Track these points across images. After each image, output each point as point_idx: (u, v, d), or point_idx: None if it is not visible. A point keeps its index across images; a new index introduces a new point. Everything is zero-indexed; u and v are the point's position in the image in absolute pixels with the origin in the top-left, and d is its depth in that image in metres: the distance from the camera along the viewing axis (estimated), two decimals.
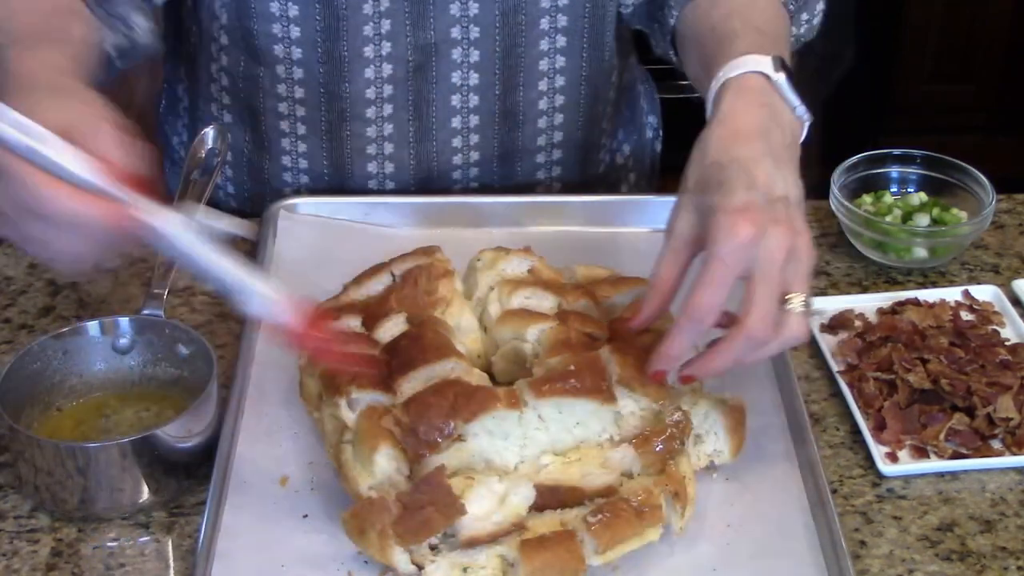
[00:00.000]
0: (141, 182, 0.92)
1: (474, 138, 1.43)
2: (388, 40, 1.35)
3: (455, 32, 1.35)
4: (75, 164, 0.90)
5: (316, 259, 1.33)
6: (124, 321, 1.15)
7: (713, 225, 1.01)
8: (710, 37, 1.21)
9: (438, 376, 1.08)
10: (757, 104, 1.09)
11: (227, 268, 0.94)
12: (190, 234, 0.93)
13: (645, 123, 1.59)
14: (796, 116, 1.12)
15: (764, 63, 1.11)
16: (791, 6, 1.29)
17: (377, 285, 1.20)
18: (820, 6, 1.34)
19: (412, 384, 1.08)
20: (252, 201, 1.47)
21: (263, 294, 0.95)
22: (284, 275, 1.30)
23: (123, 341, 1.15)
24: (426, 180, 1.44)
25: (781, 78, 1.11)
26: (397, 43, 1.35)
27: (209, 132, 1.29)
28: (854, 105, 3.19)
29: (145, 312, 1.17)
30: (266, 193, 1.46)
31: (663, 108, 1.62)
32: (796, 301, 1.02)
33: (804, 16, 1.32)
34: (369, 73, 1.37)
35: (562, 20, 1.38)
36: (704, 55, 1.20)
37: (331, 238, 1.36)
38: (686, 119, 1.26)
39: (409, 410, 1.03)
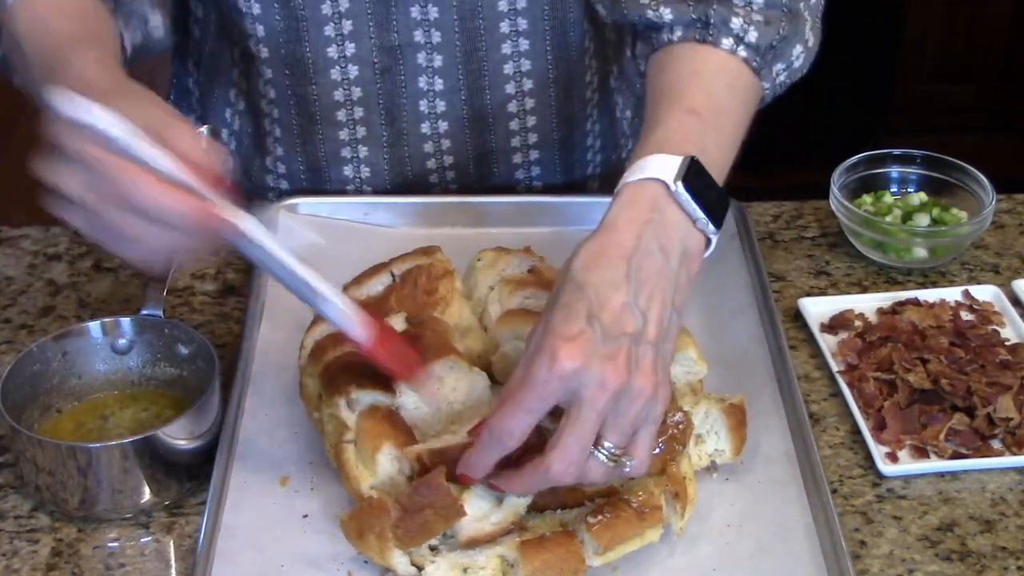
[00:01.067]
0: (222, 182, 0.93)
1: (446, 143, 1.41)
2: (351, 41, 1.34)
3: (418, 35, 1.34)
4: (166, 161, 0.91)
5: (316, 259, 1.32)
6: (124, 321, 1.15)
7: (537, 348, 0.95)
8: (648, 102, 1.14)
9: (436, 377, 1.07)
10: (641, 220, 1.00)
11: (304, 274, 0.96)
12: (270, 237, 0.95)
13: None
14: (697, 228, 1.02)
15: (669, 168, 1.02)
16: (755, 62, 1.17)
17: (377, 285, 1.20)
18: (799, 49, 1.20)
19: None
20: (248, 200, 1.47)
21: (337, 305, 0.97)
22: None
23: (123, 341, 1.15)
24: (403, 185, 1.43)
25: (680, 188, 1.01)
26: (361, 44, 1.34)
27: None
28: (854, 105, 3.19)
29: (145, 312, 1.17)
30: (252, 193, 1.46)
31: None
32: (601, 452, 0.96)
33: (779, 66, 1.20)
34: (335, 75, 1.36)
35: (522, 23, 1.36)
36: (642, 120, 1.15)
37: (331, 238, 1.36)
38: None
39: (433, 460, 1.01)
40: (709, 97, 1.12)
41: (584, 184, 1.50)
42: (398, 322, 1.15)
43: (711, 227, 1.03)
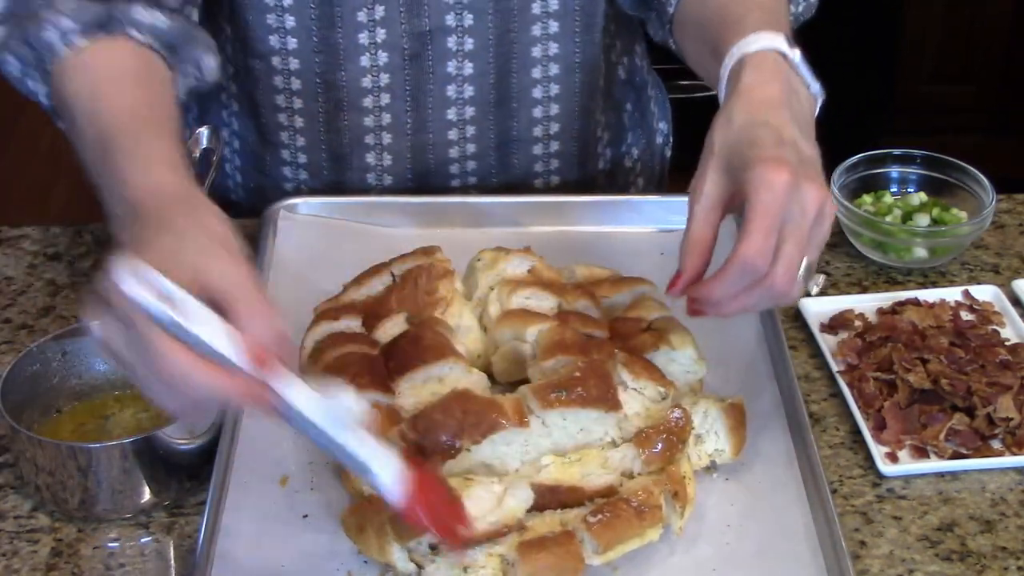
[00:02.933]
0: (277, 356, 0.90)
1: (470, 130, 1.42)
2: (382, 27, 1.35)
3: (449, 19, 1.35)
4: (218, 341, 0.87)
5: (316, 259, 1.33)
6: None
7: (750, 177, 1.01)
8: (714, 19, 1.20)
9: (436, 377, 1.08)
10: (776, 78, 1.09)
11: (348, 448, 0.93)
12: (317, 412, 0.91)
13: (656, 128, 1.59)
14: (810, 93, 1.12)
15: (778, 40, 1.11)
16: None
17: (377, 285, 1.20)
18: None
19: (410, 384, 1.08)
20: (258, 194, 1.47)
21: (378, 475, 0.93)
22: (284, 275, 1.30)
23: None
24: (423, 173, 1.44)
25: (796, 55, 1.11)
26: (392, 30, 1.35)
27: (203, 132, 1.29)
28: (854, 105, 3.19)
29: None
30: (267, 187, 1.46)
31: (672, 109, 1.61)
32: (802, 266, 1.02)
33: None
34: (365, 61, 1.37)
35: (553, 4, 1.37)
36: (711, 37, 1.20)
37: (331, 238, 1.36)
38: (693, 121, 1.26)
39: (416, 426, 1.03)
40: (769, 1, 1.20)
41: (593, 180, 1.51)
42: (398, 322, 1.15)
43: (820, 91, 1.13)
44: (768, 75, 1.10)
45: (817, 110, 1.13)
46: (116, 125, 1.06)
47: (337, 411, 0.91)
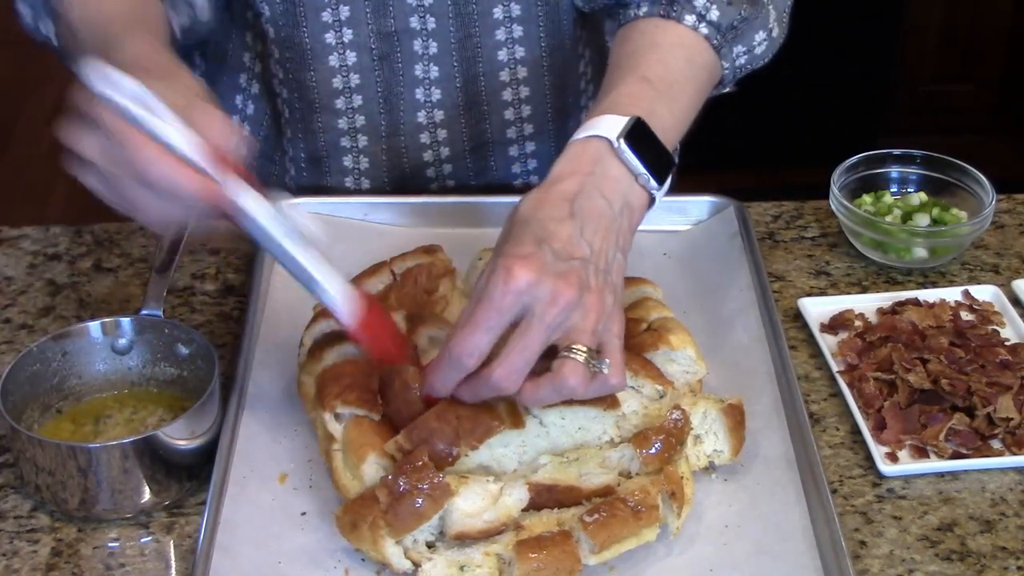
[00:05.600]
0: (236, 166, 0.99)
1: (442, 133, 1.42)
2: (349, 27, 1.34)
3: (413, 21, 1.34)
4: (181, 140, 0.96)
5: None
6: (124, 321, 1.15)
7: (490, 270, 0.99)
8: (604, 81, 1.18)
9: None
10: (583, 172, 1.05)
11: (298, 259, 1.01)
12: (272, 222, 1.00)
13: None
14: (639, 184, 1.07)
15: (615, 127, 1.07)
16: (715, 40, 1.20)
17: (377, 284, 1.20)
18: (761, 35, 1.25)
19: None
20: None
21: (323, 287, 1.02)
22: (285, 274, 1.29)
23: (122, 341, 1.15)
24: (400, 177, 1.43)
25: (622, 145, 1.06)
26: (359, 30, 1.34)
27: None
28: (854, 105, 3.19)
29: (144, 312, 1.17)
30: (267, 181, 1.46)
31: None
32: (577, 349, 0.98)
33: (740, 48, 1.23)
34: (333, 61, 1.36)
35: (515, 9, 1.36)
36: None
37: (331, 237, 1.35)
38: (698, 120, 1.26)
39: (411, 437, 1.03)
40: (665, 68, 1.17)
41: None
42: (398, 321, 1.15)
43: (652, 183, 1.08)
44: (574, 168, 1.06)
45: (654, 202, 1.09)
46: (109, 25, 1.13)
47: (290, 224, 0.99)
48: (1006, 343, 1.25)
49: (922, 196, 1.42)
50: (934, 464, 1.14)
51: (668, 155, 1.10)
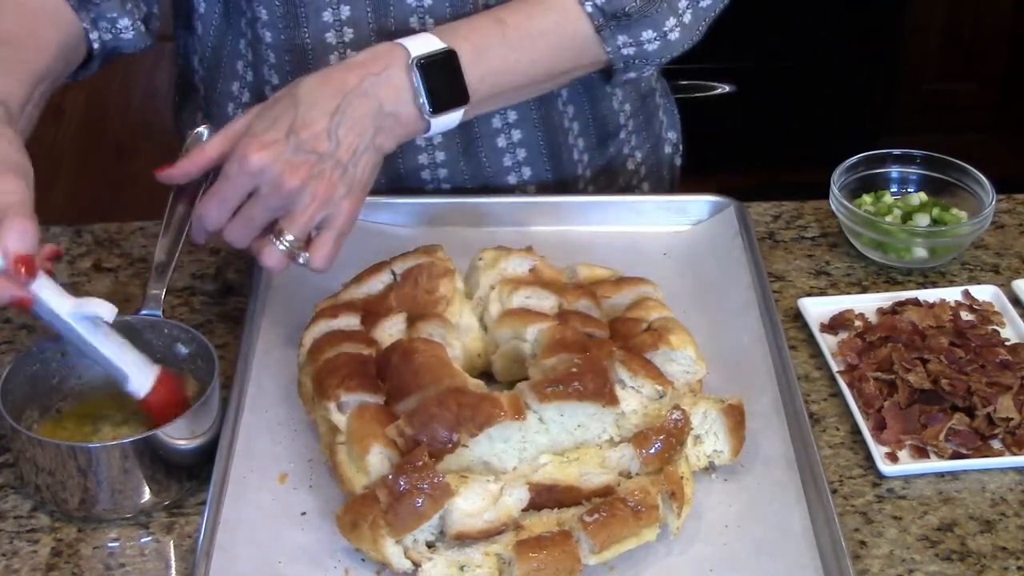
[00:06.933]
0: (42, 264, 1.05)
1: (437, 136, 1.40)
2: (350, 27, 1.34)
3: (413, 22, 1.34)
4: None
5: None
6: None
7: (236, 146, 1.13)
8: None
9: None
10: (370, 71, 1.17)
11: (93, 344, 1.07)
12: (69, 314, 1.06)
13: (664, 137, 1.57)
14: (415, 104, 1.18)
15: (424, 47, 1.18)
16: (598, 20, 1.26)
17: (377, 284, 1.21)
18: (650, 34, 1.28)
19: (408, 407, 1.06)
20: None
21: (119, 367, 1.09)
22: (285, 273, 1.30)
23: None
24: (395, 178, 1.42)
25: (415, 67, 1.17)
26: (360, 30, 1.34)
27: (203, 132, 1.29)
28: (854, 105, 3.19)
29: (143, 312, 1.17)
30: None
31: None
32: (284, 239, 1.13)
33: (624, 38, 1.28)
34: (334, 60, 1.35)
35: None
36: None
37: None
38: (691, 121, 1.26)
39: (412, 422, 1.03)
40: (527, 19, 1.25)
41: (575, 183, 1.49)
42: (398, 321, 1.15)
43: (427, 108, 1.18)
44: (367, 62, 1.17)
45: (430, 131, 1.20)
46: None
47: (87, 311, 1.06)
48: (1006, 343, 1.25)
49: (922, 196, 1.42)
50: (934, 464, 1.14)
51: (464, 93, 1.20)
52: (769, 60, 2.97)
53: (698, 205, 1.40)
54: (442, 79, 1.19)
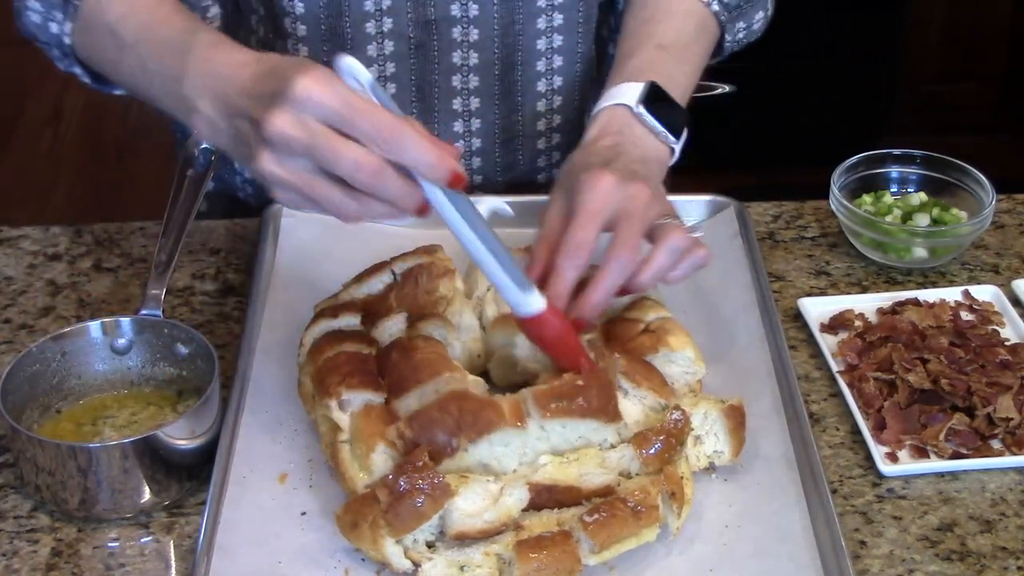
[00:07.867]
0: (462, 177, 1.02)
1: (476, 123, 1.43)
2: (389, 16, 1.35)
3: (454, 9, 1.36)
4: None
5: (317, 258, 1.33)
6: (124, 321, 1.15)
7: (577, 185, 1.12)
8: (620, 45, 1.31)
9: (432, 391, 1.07)
10: (613, 133, 1.20)
11: (483, 250, 1.03)
12: (466, 217, 1.02)
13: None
14: (660, 140, 1.22)
15: (633, 94, 1.22)
16: (723, 16, 1.35)
17: (377, 284, 1.20)
18: (760, 15, 1.39)
19: (408, 403, 1.07)
20: (265, 191, 1.47)
21: (505, 283, 1.05)
22: (285, 273, 1.30)
23: (122, 341, 1.15)
24: None
25: (641, 110, 1.21)
26: (398, 19, 1.36)
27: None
28: (855, 104, 3.19)
29: (143, 312, 1.17)
30: None
31: None
32: (669, 219, 1.13)
33: (741, 24, 1.37)
34: (372, 50, 1.37)
35: None
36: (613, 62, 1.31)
37: (332, 237, 1.36)
38: (698, 120, 1.26)
39: (413, 425, 1.03)
40: (678, 34, 1.31)
41: None
42: (398, 321, 1.15)
43: (671, 138, 1.23)
44: (606, 131, 1.21)
45: (673, 154, 1.24)
46: (185, 28, 1.12)
47: (481, 218, 1.03)
48: (1006, 343, 1.25)
49: (922, 196, 1.42)
50: (934, 464, 1.14)
51: (683, 111, 1.25)
52: (769, 60, 2.97)
53: (698, 205, 1.40)
54: (663, 110, 1.23)
